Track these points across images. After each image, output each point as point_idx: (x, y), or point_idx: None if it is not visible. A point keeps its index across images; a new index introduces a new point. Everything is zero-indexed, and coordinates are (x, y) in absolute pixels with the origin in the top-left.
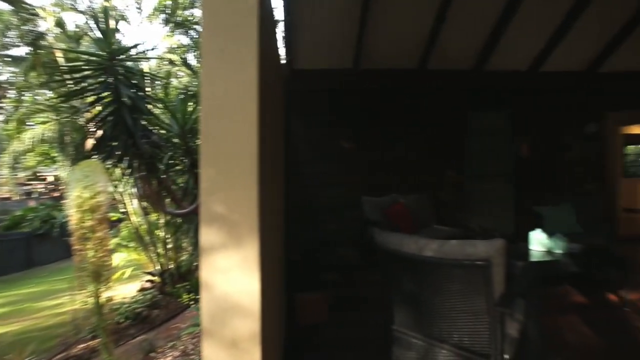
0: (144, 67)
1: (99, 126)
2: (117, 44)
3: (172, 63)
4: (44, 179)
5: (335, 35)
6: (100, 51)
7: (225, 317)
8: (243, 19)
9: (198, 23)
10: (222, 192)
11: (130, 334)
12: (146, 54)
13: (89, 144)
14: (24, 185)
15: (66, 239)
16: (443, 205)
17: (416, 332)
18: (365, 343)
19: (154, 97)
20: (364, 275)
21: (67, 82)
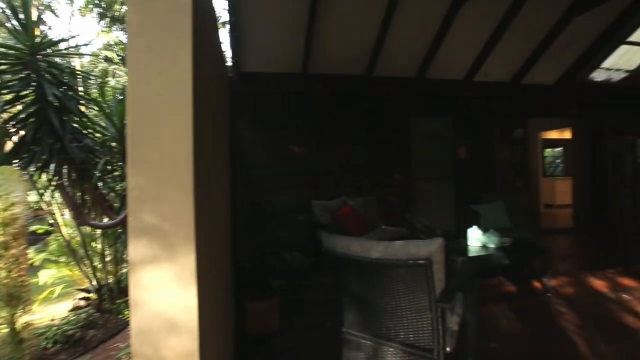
0: (75, 64)
1: (18, 128)
2: (42, 37)
3: (109, 61)
4: None
5: (284, 40)
6: (18, 44)
7: (159, 337)
8: (174, 15)
9: None
10: (153, 201)
11: (61, 359)
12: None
13: (7, 147)
14: None
15: None
16: (390, 206)
17: (365, 332)
18: (319, 348)
19: (87, 97)
20: (315, 279)
21: None
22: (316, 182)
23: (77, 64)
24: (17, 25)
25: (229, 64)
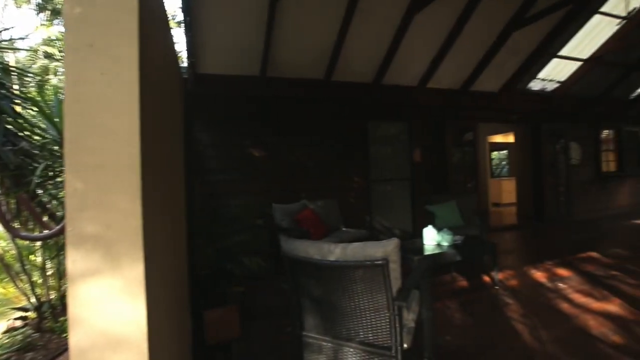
0: (10, 59)
1: None
2: None
3: (49, 57)
4: None
5: (242, 42)
6: None
7: (103, 356)
8: (119, 10)
9: None
10: (95, 208)
11: None
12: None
13: None
14: None
15: None
16: (350, 208)
17: (325, 335)
18: (280, 353)
19: (24, 96)
20: (276, 283)
21: None
22: (276, 186)
23: (11, 59)
24: None
25: (184, 64)
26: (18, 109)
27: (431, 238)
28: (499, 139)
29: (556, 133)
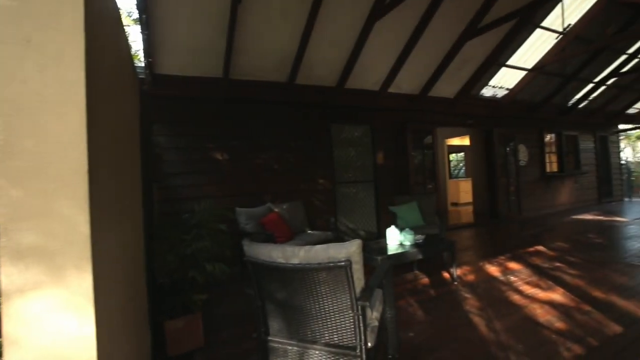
0: None
1: None
2: None
3: None
4: None
5: (203, 42)
6: None
7: None
8: (61, 3)
9: None
10: (35, 218)
11: None
12: None
13: None
14: None
15: None
16: (316, 210)
17: (290, 338)
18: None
19: None
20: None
21: None
22: (240, 190)
23: None
24: None
25: (141, 64)
26: None
27: (394, 238)
28: (456, 141)
29: (506, 136)
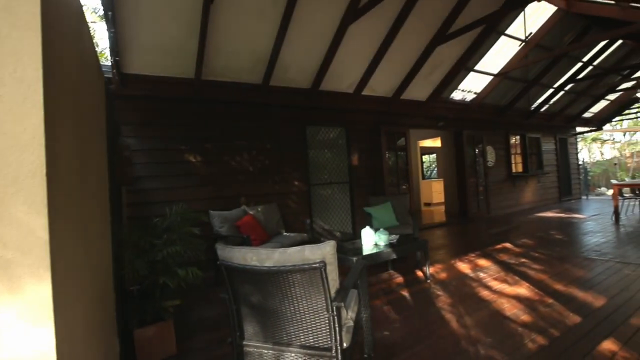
0: None
1: None
2: None
3: None
4: None
5: (174, 43)
6: None
7: None
8: None
9: None
10: None
11: None
12: None
13: None
14: None
15: None
16: (291, 212)
17: (266, 342)
18: None
19: None
20: (214, 293)
21: None
22: (214, 192)
23: None
24: None
25: (107, 63)
26: None
27: (369, 238)
28: (428, 143)
29: (475, 138)
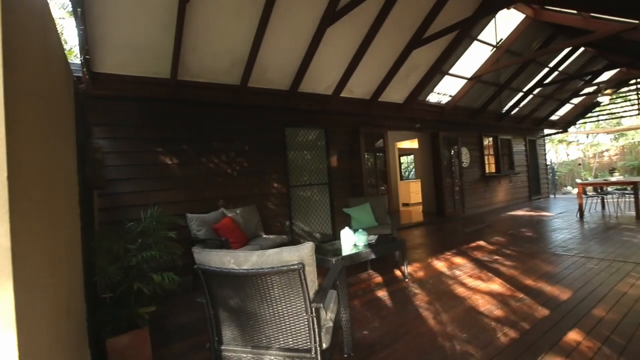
0: None
1: None
2: None
3: None
4: None
5: (149, 42)
6: None
7: None
8: None
9: None
10: None
11: None
12: None
13: None
14: None
15: None
16: (271, 214)
17: (245, 346)
18: None
19: None
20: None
21: None
22: (191, 195)
23: None
24: None
25: (77, 61)
26: None
27: (348, 239)
28: (406, 145)
29: (450, 140)
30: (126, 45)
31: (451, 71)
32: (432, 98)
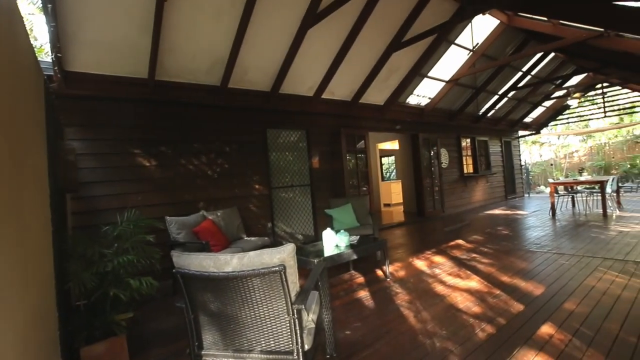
0: None
1: None
2: None
3: None
4: None
5: (125, 40)
6: None
7: None
8: None
9: None
10: None
11: None
12: None
13: None
14: None
15: None
16: (252, 216)
17: (226, 350)
18: None
19: None
20: (170, 304)
21: None
22: (171, 198)
23: None
24: None
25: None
26: None
27: (330, 240)
28: (387, 146)
29: (430, 141)
30: (101, 43)
31: (430, 74)
32: (412, 100)
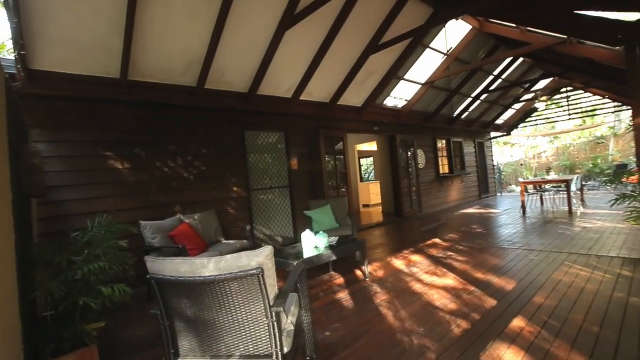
0: None
1: None
2: None
3: None
4: None
5: (95, 38)
6: None
7: None
8: None
9: None
10: None
11: None
12: None
13: None
14: None
15: None
16: (231, 218)
17: (203, 356)
18: None
19: None
20: (144, 311)
21: None
22: (145, 201)
23: None
24: None
25: (10, 57)
26: None
27: (309, 242)
28: (365, 147)
29: (407, 142)
30: (68, 41)
31: (406, 76)
32: (389, 102)
